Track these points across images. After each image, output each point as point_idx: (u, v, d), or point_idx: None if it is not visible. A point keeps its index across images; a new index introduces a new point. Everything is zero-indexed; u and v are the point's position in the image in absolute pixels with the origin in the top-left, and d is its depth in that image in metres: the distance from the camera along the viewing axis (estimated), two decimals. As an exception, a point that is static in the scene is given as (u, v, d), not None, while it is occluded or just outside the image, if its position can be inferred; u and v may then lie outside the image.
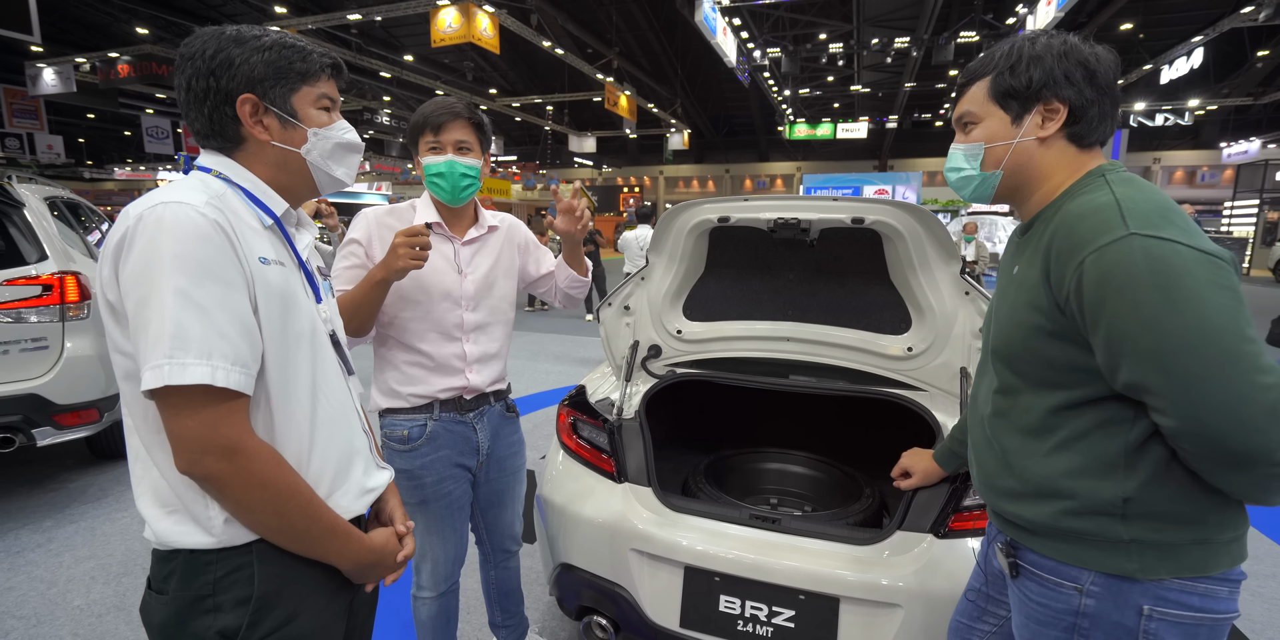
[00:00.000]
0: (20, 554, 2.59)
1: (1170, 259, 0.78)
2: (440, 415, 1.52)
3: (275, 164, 0.91)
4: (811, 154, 28.85)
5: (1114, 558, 0.88)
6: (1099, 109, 0.93)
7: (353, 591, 0.99)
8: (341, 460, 0.94)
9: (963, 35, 13.06)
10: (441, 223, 1.51)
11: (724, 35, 12.28)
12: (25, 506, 3.02)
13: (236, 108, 0.86)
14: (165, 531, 0.82)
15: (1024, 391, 0.96)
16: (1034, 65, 0.92)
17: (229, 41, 0.86)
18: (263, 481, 0.80)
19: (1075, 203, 0.89)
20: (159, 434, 0.80)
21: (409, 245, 1.28)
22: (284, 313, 0.86)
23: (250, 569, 0.83)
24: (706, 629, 1.53)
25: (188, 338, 0.74)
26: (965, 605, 1.20)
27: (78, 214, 3.87)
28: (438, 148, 1.45)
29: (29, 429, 2.78)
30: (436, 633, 1.66)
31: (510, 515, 1.74)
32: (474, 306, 1.54)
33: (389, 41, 17.81)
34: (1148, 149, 24.09)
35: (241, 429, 0.79)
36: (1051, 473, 0.92)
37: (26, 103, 16.55)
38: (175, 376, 0.73)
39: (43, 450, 3.51)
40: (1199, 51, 13.33)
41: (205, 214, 0.78)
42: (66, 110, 21.34)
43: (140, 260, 0.75)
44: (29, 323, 2.82)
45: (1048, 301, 0.88)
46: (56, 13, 14.67)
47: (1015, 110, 0.95)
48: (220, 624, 0.81)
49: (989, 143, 0.97)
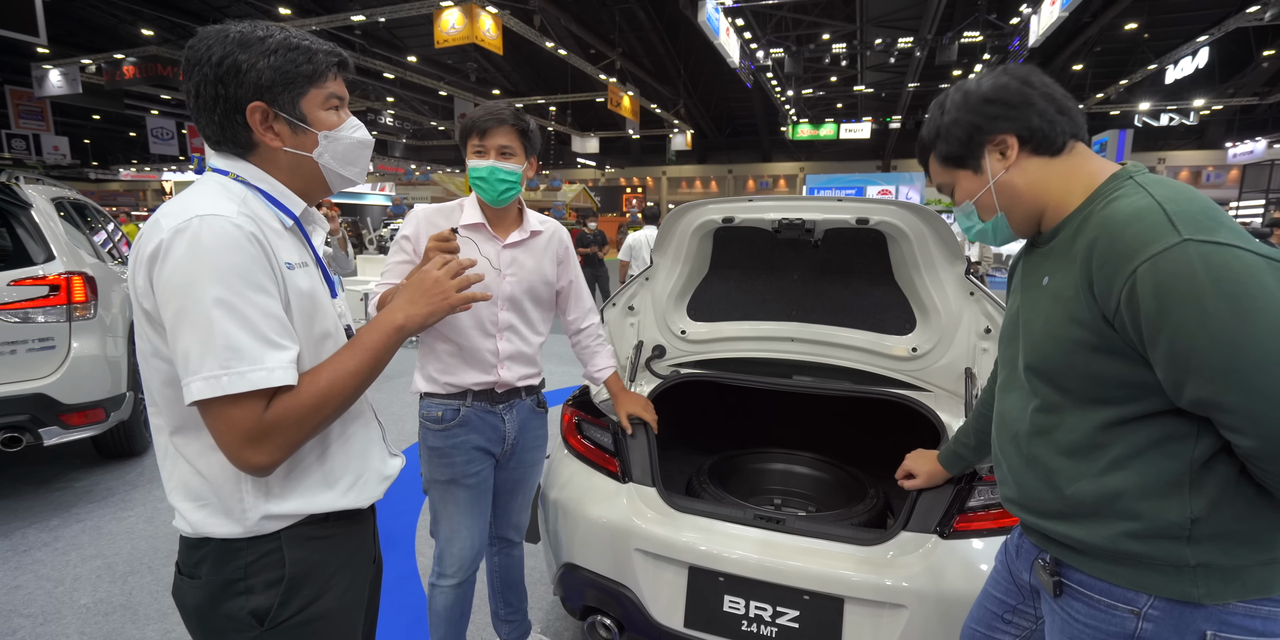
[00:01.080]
0: (27, 552, 2.60)
1: (1232, 266, 0.73)
2: (473, 403, 1.62)
3: (288, 168, 0.92)
4: (815, 154, 28.83)
5: (1178, 583, 0.83)
6: (1038, 117, 0.92)
7: (370, 573, 1.04)
8: (363, 450, 0.99)
9: (966, 35, 13.03)
10: (485, 223, 1.58)
11: (727, 36, 12.28)
12: (32, 505, 3.03)
13: (247, 116, 0.86)
14: (199, 522, 0.86)
15: (1069, 409, 0.91)
16: (954, 128, 0.97)
17: (235, 45, 0.84)
18: (300, 419, 0.81)
19: (1112, 208, 0.84)
20: (192, 433, 0.84)
21: (438, 250, 1.31)
22: (311, 314, 0.89)
23: (280, 554, 0.88)
24: (711, 629, 1.53)
25: (240, 348, 0.76)
26: (982, 613, 1.16)
27: (84, 215, 3.89)
28: (482, 152, 1.52)
29: (36, 428, 2.80)
30: (450, 625, 1.69)
31: (519, 504, 1.80)
32: (509, 306, 1.61)
33: (392, 42, 17.85)
34: (1152, 149, 24.01)
35: (260, 410, 0.80)
36: (1108, 493, 0.86)
37: (33, 104, 16.65)
38: (234, 385, 0.76)
39: (49, 449, 3.52)
40: (1204, 51, 13.29)
41: (241, 226, 0.79)
42: (72, 111, 21.45)
43: (179, 273, 0.76)
44: (36, 323, 2.83)
45: (1090, 314, 0.84)
46: (62, 15, 14.74)
47: (971, 165, 0.98)
48: (253, 605, 0.86)
49: (973, 199, 1.00)
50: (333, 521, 0.93)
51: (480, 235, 1.58)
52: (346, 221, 22.47)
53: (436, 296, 0.94)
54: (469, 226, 1.58)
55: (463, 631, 1.74)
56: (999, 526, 1.40)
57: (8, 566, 2.50)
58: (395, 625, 2.15)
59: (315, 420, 0.82)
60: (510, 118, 1.52)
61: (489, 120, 1.51)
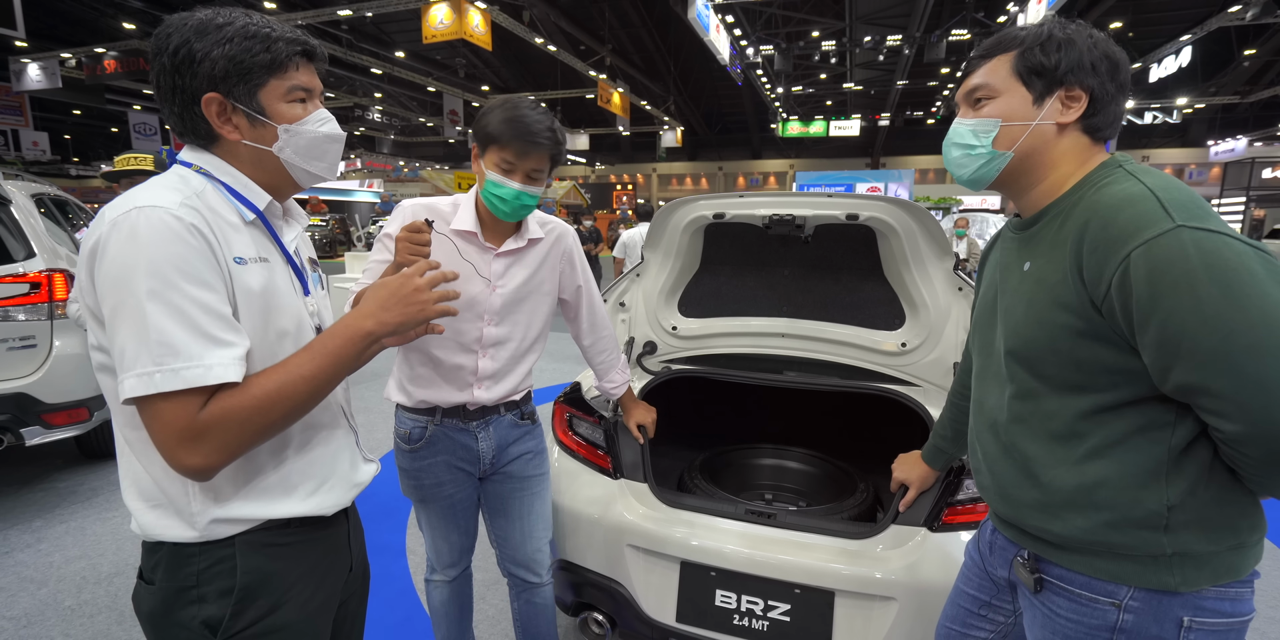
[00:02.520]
0: (9, 554, 2.56)
1: (1224, 253, 0.73)
2: (442, 421, 1.48)
3: (251, 162, 0.88)
4: (805, 151, 28.91)
5: (1155, 572, 0.85)
6: (1116, 106, 0.90)
7: (341, 580, 0.99)
8: (330, 455, 0.94)
9: (954, 33, 13.12)
10: (478, 233, 1.41)
11: (717, 33, 12.28)
12: (14, 506, 2.99)
13: (203, 108, 0.83)
14: (150, 524, 0.83)
15: (1048, 395, 0.90)
16: (1066, 47, 0.88)
17: (192, 32, 0.81)
18: (242, 422, 0.76)
19: (1103, 193, 0.84)
20: (138, 430, 0.80)
21: (407, 241, 1.25)
22: (265, 312, 0.84)
23: (232, 561, 0.84)
24: (703, 623, 1.54)
25: (174, 344, 0.73)
26: (956, 611, 1.16)
27: (65, 211, 3.83)
28: (510, 171, 1.33)
29: (17, 428, 2.76)
30: (450, 620, 1.65)
31: (519, 533, 1.57)
32: (498, 321, 1.45)
33: (380, 38, 17.69)
34: (1136, 147, 24.32)
35: (196, 408, 0.75)
36: (1085, 482, 0.87)
37: (11, 99, 16.34)
38: (167, 383, 0.72)
39: (31, 450, 3.47)
40: (1187, 50, 13.45)
41: (181, 217, 0.76)
42: (52, 106, 21.06)
43: (114, 266, 0.74)
44: (17, 321, 2.79)
45: (1078, 299, 0.83)
46: (42, 8, 14.46)
47: (1039, 89, 0.90)
48: (204, 614, 0.82)
49: (1006, 120, 0.91)
50: (295, 528, 0.89)
51: (470, 245, 1.43)
52: (335, 218, 22.31)
53: (413, 306, 0.85)
54: (458, 234, 1.41)
55: (466, 628, 1.69)
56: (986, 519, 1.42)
57: (-11, 568, 2.46)
58: (387, 624, 2.14)
59: (259, 424, 0.77)
60: (550, 145, 1.33)
61: (527, 145, 1.30)
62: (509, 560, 1.61)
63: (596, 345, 1.65)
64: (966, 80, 0.97)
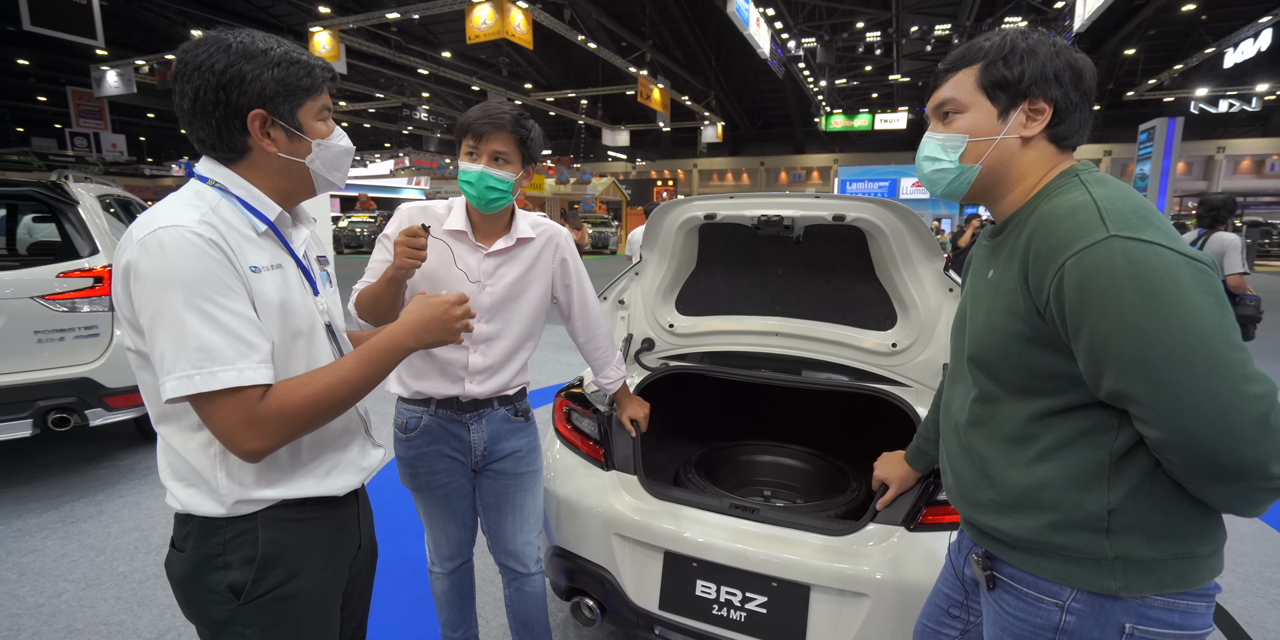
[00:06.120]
0: (75, 524, 2.83)
1: (1151, 262, 0.75)
2: (436, 411, 1.54)
3: (278, 172, 0.99)
4: (849, 146, 28.21)
5: (1097, 575, 0.86)
6: (1081, 113, 0.91)
7: (350, 555, 1.09)
8: (341, 442, 1.05)
9: (1008, 20, 12.58)
10: (469, 232, 1.48)
11: (757, 26, 12.13)
12: (81, 481, 3.28)
13: (247, 122, 0.92)
14: (185, 500, 0.94)
15: (1004, 399, 0.93)
16: (1028, 58, 0.89)
17: (238, 56, 0.89)
18: (294, 415, 0.87)
19: (1051, 203, 0.86)
20: (171, 418, 0.92)
21: (405, 245, 1.31)
22: (281, 315, 0.95)
23: (255, 533, 0.94)
24: (684, 612, 1.59)
25: (212, 349, 0.82)
26: (932, 609, 1.19)
27: (129, 210, 4.13)
28: (474, 155, 1.41)
29: (82, 409, 3.03)
30: (451, 608, 1.74)
31: (510, 527, 1.64)
32: (488, 318, 1.50)
33: (427, 39, 18.18)
34: (1210, 137, 22.77)
35: (254, 403, 0.86)
36: (1033, 483, 0.89)
37: (92, 104, 17.54)
38: (206, 384, 0.82)
39: (96, 430, 3.77)
40: (1267, 33, 12.53)
41: (200, 234, 0.85)
42: (128, 110, 22.47)
43: (149, 282, 0.82)
44: (82, 312, 3.05)
45: (1026, 307, 0.86)
46: (118, 17, 15.45)
47: (1004, 103, 0.91)
48: (229, 579, 0.92)
49: (973, 136, 0.93)
50: (310, 506, 0.99)
51: (462, 244, 1.48)
52: (382, 215, 23.03)
53: (448, 331, 1.02)
54: (450, 233, 1.47)
55: (468, 613, 1.78)
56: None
57: (57, 536, 2.72)
58: (398, 604, 2.27)
59: (309, 417, 0.88)
60: (510, 123, 1.39)
61: (486, 124, 1.38)
62: (500, 551, 1.69)
63: (591, 342, 1.70)
64: (935, 94, 0.99)
